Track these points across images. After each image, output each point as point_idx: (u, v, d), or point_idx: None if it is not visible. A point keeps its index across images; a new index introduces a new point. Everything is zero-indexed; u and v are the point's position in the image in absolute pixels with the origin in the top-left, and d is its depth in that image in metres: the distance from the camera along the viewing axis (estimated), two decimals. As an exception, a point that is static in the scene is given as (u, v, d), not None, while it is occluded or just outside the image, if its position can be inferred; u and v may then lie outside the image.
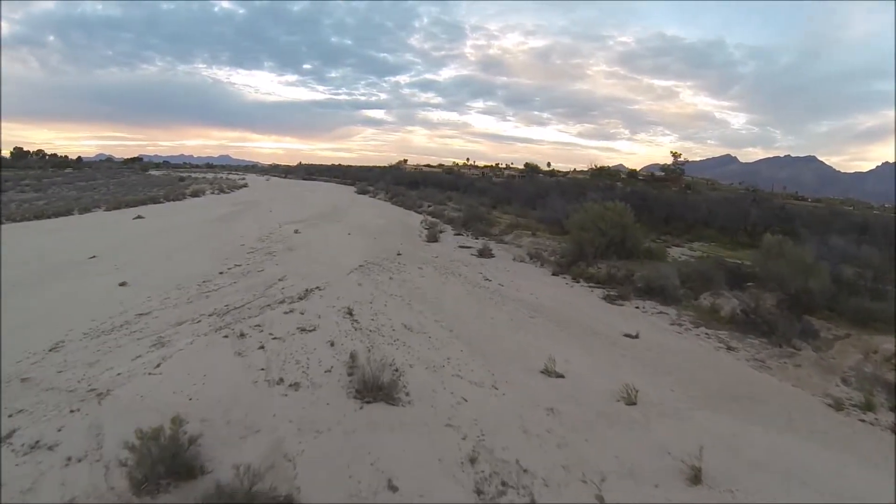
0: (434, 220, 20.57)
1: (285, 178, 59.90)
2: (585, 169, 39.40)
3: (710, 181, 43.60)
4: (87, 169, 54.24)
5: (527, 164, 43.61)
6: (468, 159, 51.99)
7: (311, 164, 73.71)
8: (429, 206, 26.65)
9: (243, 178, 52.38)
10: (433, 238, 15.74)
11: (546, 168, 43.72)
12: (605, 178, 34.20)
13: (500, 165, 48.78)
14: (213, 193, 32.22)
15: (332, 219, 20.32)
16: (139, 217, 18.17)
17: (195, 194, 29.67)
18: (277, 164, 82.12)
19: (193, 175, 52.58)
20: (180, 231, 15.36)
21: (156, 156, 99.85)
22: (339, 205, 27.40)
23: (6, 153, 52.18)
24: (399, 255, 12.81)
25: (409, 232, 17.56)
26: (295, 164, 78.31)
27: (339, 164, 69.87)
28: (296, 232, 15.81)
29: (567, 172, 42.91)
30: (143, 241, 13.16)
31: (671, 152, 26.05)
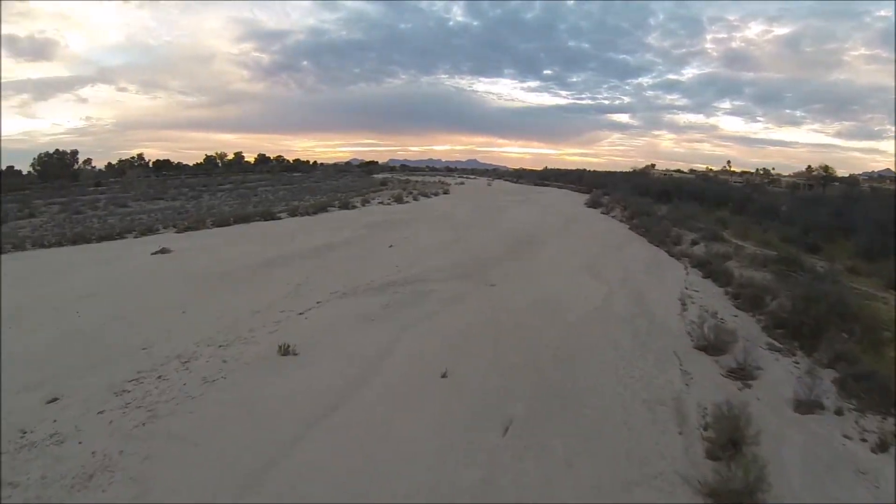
0: (722, 322, 8.02)
1: (515, 182, 55.94)
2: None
3: None
4: (318, 172, 64.54)
5: (810, 169, 36.92)
6: (728, 163, 48.14)
7: (557, 169, 72.76)
8: (693, 242, 15.03)
9: (461, 183, 50.53)
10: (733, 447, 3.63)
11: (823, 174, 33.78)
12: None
13: (764, 170, 43.53)
14: (383, 203, 27.93)
15: (489, 274, 10.75)
16: (162, 251, 12.72)
17: (345, 206, 25.10)
18: (523, 169, 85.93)
19: (412, 178, 54.02)
20: (96, 305, 8.44)
21: (405, 160, 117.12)
22: (540, 230, 18.04)
23: (250, 159, 64.67)
24: None
25: (657, 358, 6.25)
26: (541, 168, 78.68)
27: (584, 169, 65.09)
28: (284, 347, 6.47)
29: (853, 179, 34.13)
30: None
31: None
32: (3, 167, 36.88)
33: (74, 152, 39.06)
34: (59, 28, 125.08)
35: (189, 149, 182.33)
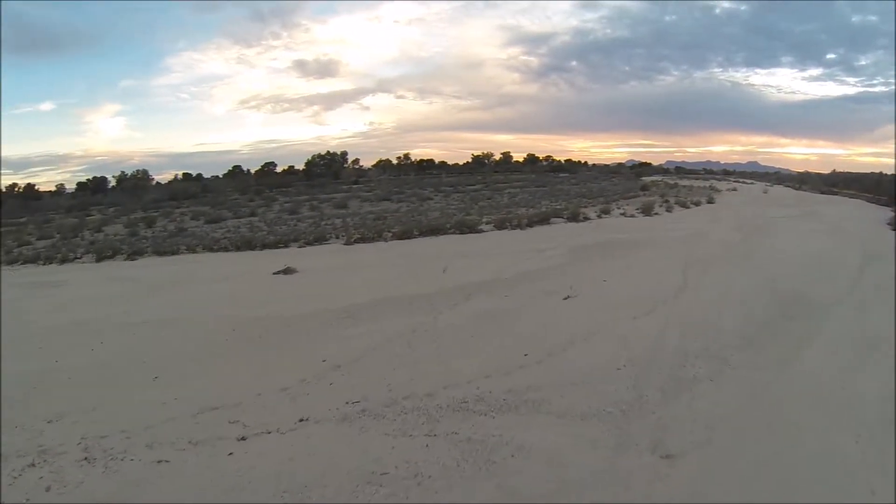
0: None
1: (797, 189, 47.59)
2: None
3: None
4: (584, 173, 64.31)
5: None
6: None
7: (847, 173, 59.54)
8: None
9: (734, 189, 43.96)
10: None
11: None
12: None
13: None
14: (626, 214, 23.57)
15: (682, 406, 5.31)
16: (285, 271, 11.72)
17: (574, 216, 21.41)
18: (807, 172, 74.61)
19: (681, 183, 49.22)
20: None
21: (682, 162, 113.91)
22: (819, 276, 10.45)
23: (519, 159, 67.67)
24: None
25: None
26: (828, 171, 65.79)
27: (881, 173, 50.71)
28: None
29: None
30: None
31: None
32: (284, 168, 47.05)
33: (344, 153, 47.21)
34: (339, 50, 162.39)
35: (465, 148, 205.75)
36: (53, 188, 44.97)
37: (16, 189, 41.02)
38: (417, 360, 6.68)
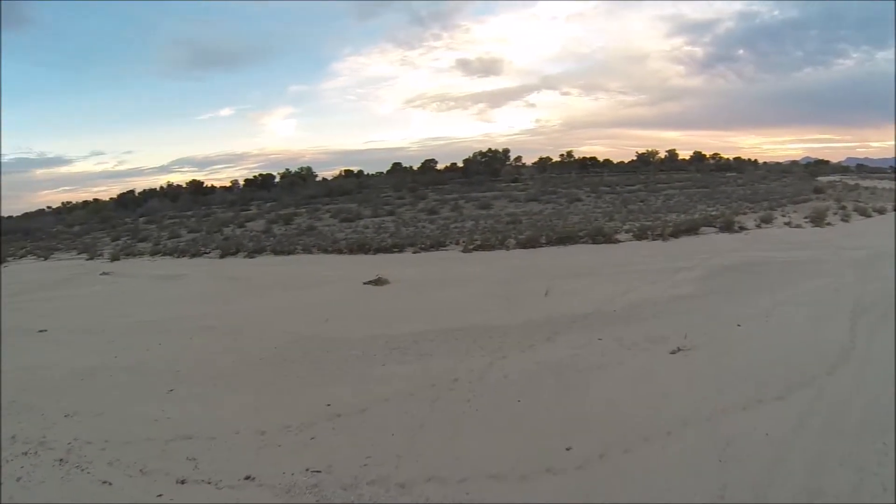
0: None
1: None
2: None
3: None
4: (751, 173, 56.78)
5: None
6: None
7: None
8: None
9: None
10: None
11: None
12: None
13: None
14: (790, 223, 19.93)
15: None
16: (375, 282, 11.67)
17: (728, 226, 18.43)
18: None
19: (863, 184, 43.47)
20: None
21: (865, 158, 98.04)
22: None
23: (685, 156, 63.53)
24: None
25: None
26: None
27: None
28: None
29: None
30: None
31: None
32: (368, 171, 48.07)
33: (506, 151, 46.80)
34: (501, 48, 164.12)
35: (631, 146, 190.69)
36: (228, 184, 52.02)
37: (194, 184, 48.35)
38: (427, 427, 5.49)
